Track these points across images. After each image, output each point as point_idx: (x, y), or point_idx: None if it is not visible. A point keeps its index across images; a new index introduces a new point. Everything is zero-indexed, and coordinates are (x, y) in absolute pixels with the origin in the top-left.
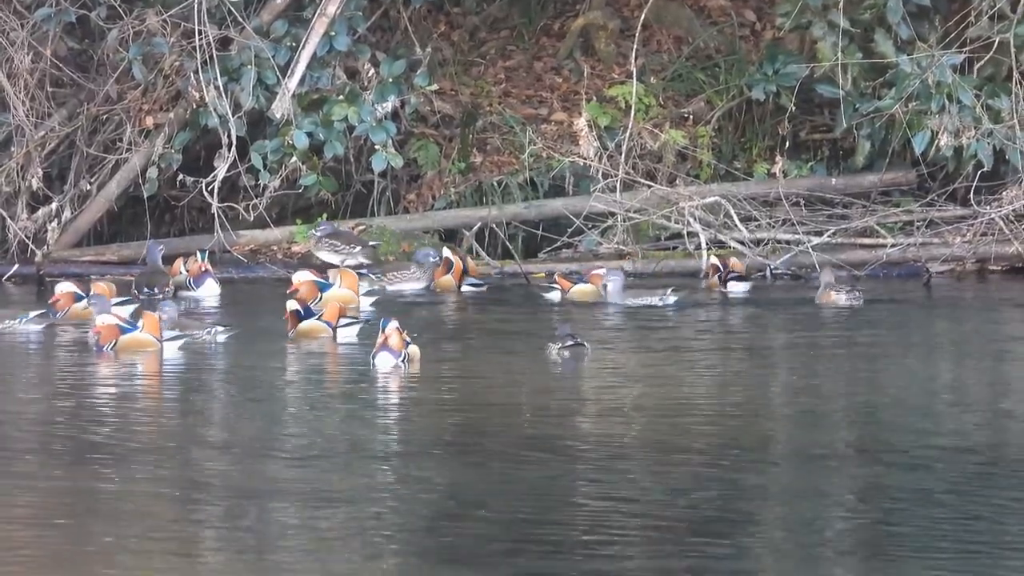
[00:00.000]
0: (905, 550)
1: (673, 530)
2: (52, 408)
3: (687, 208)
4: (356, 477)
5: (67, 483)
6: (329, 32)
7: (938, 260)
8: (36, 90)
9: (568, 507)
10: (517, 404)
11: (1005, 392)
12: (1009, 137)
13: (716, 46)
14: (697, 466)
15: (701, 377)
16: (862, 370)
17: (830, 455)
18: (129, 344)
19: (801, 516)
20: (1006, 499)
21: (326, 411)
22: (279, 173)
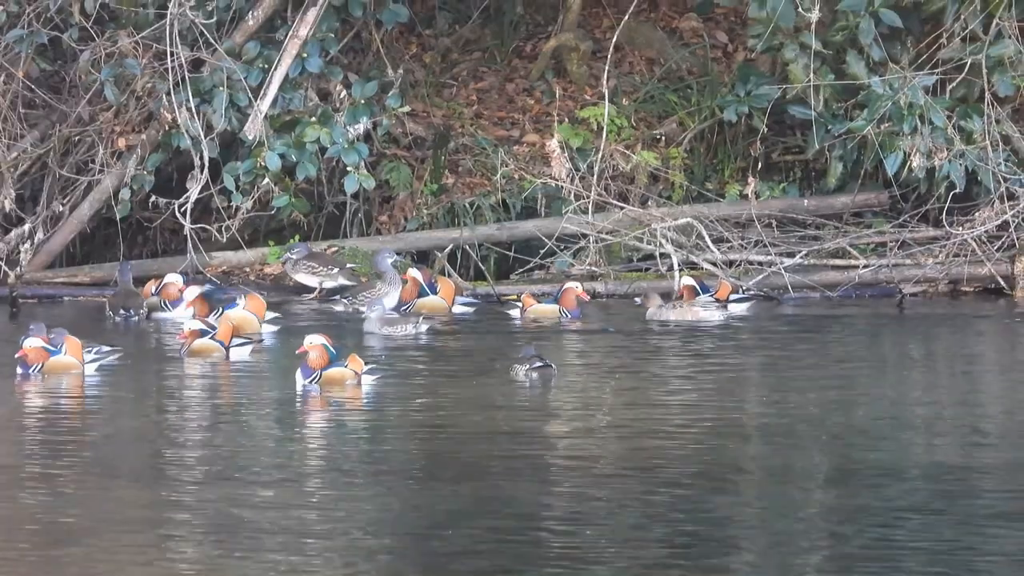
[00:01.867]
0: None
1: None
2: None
3: (659, 229)
4: (329, 499)
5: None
6: (301, 54)
7: (911, 281)
8: (8, 111)
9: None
10: (485, 425)
11: (977, 411)
12: (981, 158)
13: (688, 67)
14: (669, 486)
15: (670, 397)
16: (833, 390)
17: (803, 475)
18: (53, 367)
19: (776, 534)
20: (979, 518)
21: (297, 434)
22: (251, 195)
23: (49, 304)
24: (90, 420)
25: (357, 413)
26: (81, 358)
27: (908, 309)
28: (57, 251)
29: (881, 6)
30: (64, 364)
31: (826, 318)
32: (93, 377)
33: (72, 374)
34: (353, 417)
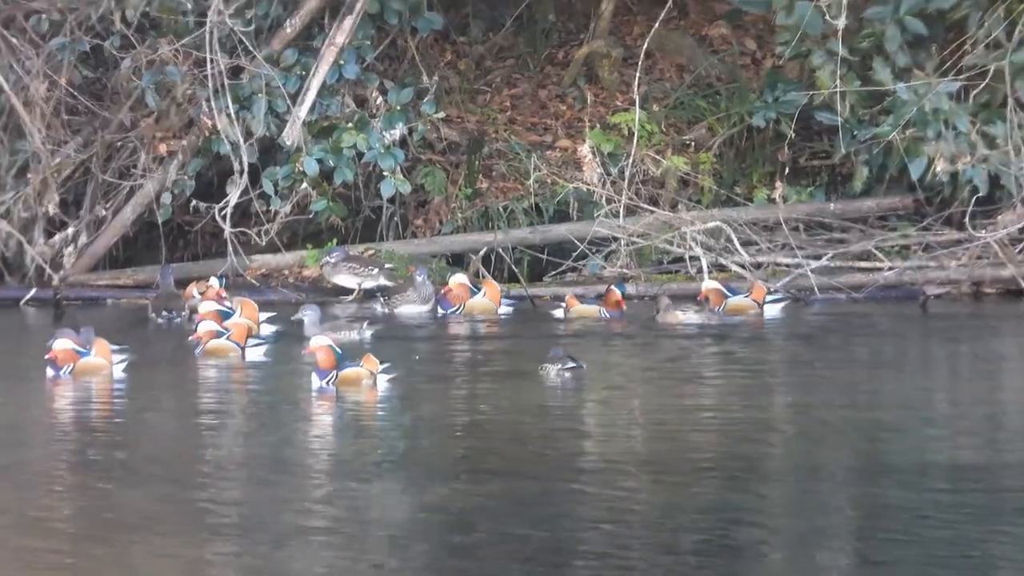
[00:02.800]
0: (904, 566)
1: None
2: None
3: (689, 233)
4: (367, 495)
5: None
6: (338, 61)
7: (934, 283)
8: (52, 118)
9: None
10: (521, 424)
11: (998, 409)
12: (1004, 163)
13: (717, 74)
14: (699, 482)
15: (696, 396)
16: (860, 390)
17: (829, 471)
18: (83, 368)
19: (805, 531)
20: (1000, 520)
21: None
22: (290, 199)
23: (92, 306)
24: (120, 421)
25: (389, 412)
26: (110, 359)
27: (931, 310)
28: (100, 254)
29: (906, 14)
30: (94, 365)
31: (852, 318)
32: (121, 378)
33: (101, 375)
34: (383, 416)
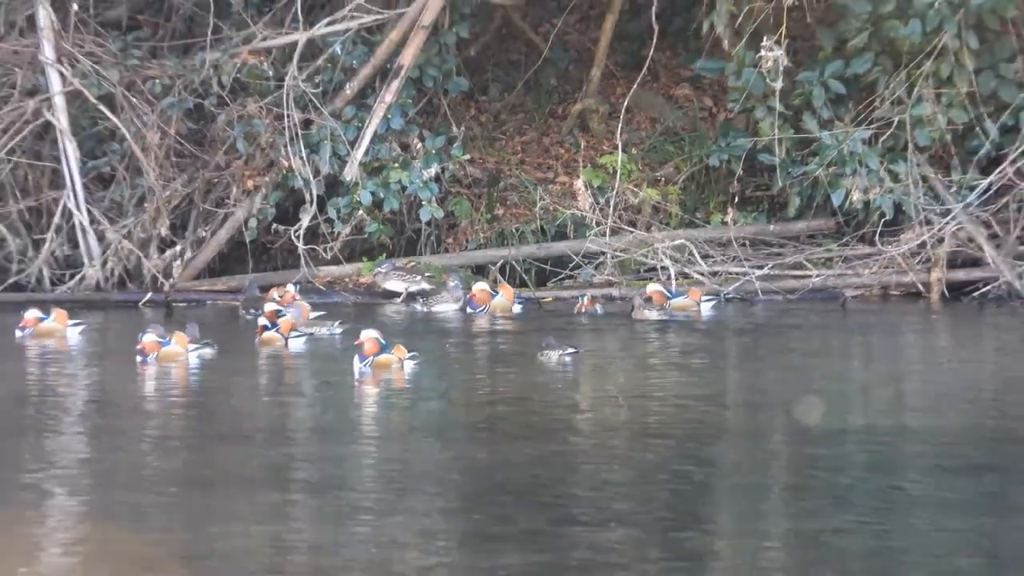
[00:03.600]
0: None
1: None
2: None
3: (660, 248)
4: (408, 454)
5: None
6: (387, 115)
7: (851, 287)
8: (163, 160)
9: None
10: (528, 397)
11: (903, 385)
12: (905, 194)
13: (682, 125)
14: (666, 440)
15: (665, 374)
16: (792, 370)
17: (770, 436)
18: (165, 355)
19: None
20: (911, 469)
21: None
22: (349, 222)
23: (195, 307)
24: (196, 398)
25: (424, 389)
26: (186, 348)
27: (849, 308)
28: (201, 266)
29: (829, 77)
30: (172, 353)
31: (786, 315)
32: (196, 364)
33: (179, 361)
34: (410, 393)
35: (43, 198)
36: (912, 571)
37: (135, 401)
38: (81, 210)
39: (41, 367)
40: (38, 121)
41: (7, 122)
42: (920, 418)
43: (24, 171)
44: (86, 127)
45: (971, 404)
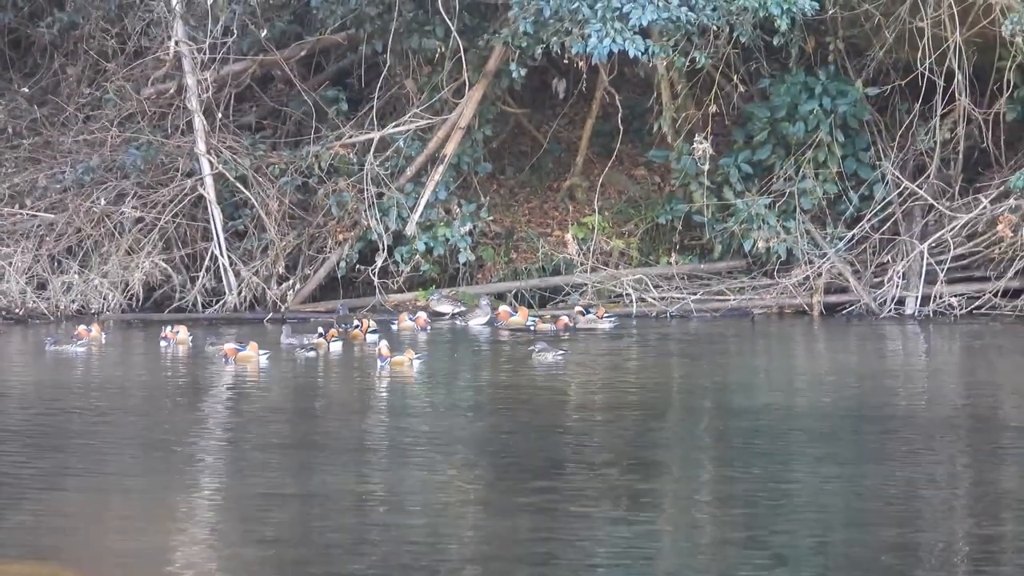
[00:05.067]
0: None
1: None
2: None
3: (624, 281)
4: (447, 426)
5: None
6: (435, 190)
7: (758, 307)
8: (281, 220)
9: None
10: (530, 385)
11: (791, 374)
12: (794, 242)
13: (640, 195)
14: (624, 418)
15: (623, 370)
16: (714, 366)
17: (700, 412)
18: (241, 358)
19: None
20: (789, 439)
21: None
22: (409, 263)
23: (302, 323)
24: (261, 392)
25: (449, 382)
26: (257, 352)
27: (756, 322)
28: (307, 294)
29: (741, 162)
30: (246, 356)
31: (711, 327)
32: (265, 365)
33: (252, 362)
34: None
35: (197, 247)
36: (795, 502)
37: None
38: (223, 255)
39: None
40: (194, 194)
41: (173, 194)
42: (803, 397)
43: (184, 228)
44: (227, 198)
45: (836, 388)
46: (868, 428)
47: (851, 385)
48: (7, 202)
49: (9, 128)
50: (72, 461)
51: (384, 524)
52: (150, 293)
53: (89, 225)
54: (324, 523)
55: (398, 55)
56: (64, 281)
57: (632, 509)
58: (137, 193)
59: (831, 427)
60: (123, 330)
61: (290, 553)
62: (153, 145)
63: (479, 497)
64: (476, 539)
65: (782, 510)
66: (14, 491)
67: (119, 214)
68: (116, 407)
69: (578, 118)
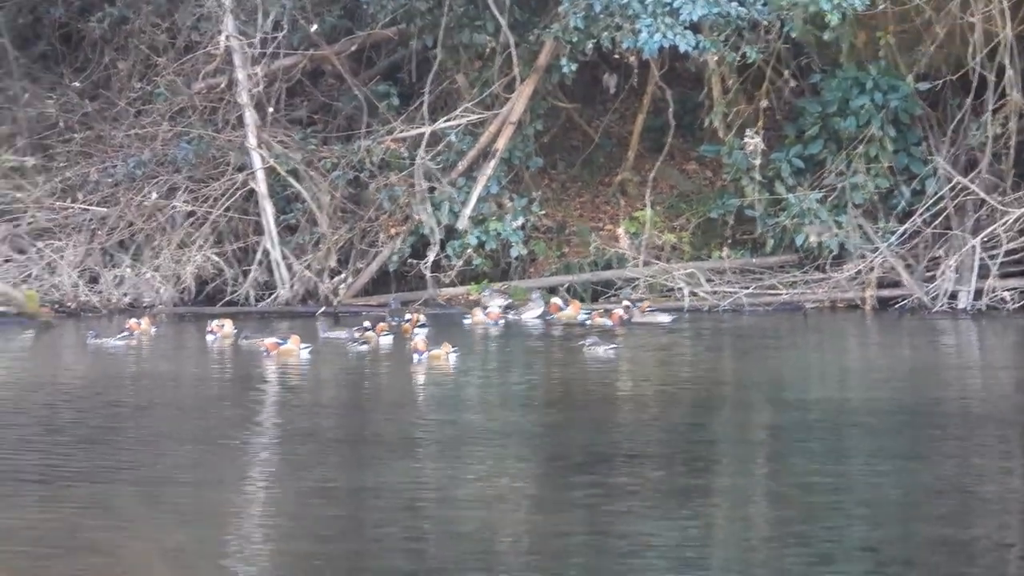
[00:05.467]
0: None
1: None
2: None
3: (676, 275)
4: (498, 420)
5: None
6: (487, 184)
7: (810, 302)
8: (332, 215)
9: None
10: (579, 378)
11: (844, 362)
12: (846, 236)
13: (691, 190)
14: (669, 409)
15: (672, 365)
16: (769, 359)
17: (752, 406)
18: (281, 352)
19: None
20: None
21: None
22: (461, 258)
23: (354, 317)
24: (308, 386)
25: (500, 373)
26: (298, 346)
27: (808, 317)
28: (359, 288)
29: (792, 156)
30: (287, 350)
31: (764, 321)
32: (306, 358)
33: (292, 356)
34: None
35: (249, 241)
36: (847, 497)
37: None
38: (275, 249)
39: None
40: (245, 188)
41: (224, 188)
42: (855, 392)
43: (236, 222)
44: (278, 192)
45: (889, 382)
46: (921, 423)
47: (904, 380)
48: (59, 196)
49: (61, 122)
50: (122, 455)
51: (435, 519)
52: (202, 287)
53: (141, 219)
54: (376, 518)
55: (449, 50)
56: (116, 275)
57: (684, 504)
58: (188, 187)
59: (883, 422)
60: (174, 324)
61: (342, 548)
62: (204, 139)
63: (530, 492)
64: (527, 534)
65: (834, 505)
66: (64, 485)
67: (171, 208)
68: (164, 401)
69: (629, 113)
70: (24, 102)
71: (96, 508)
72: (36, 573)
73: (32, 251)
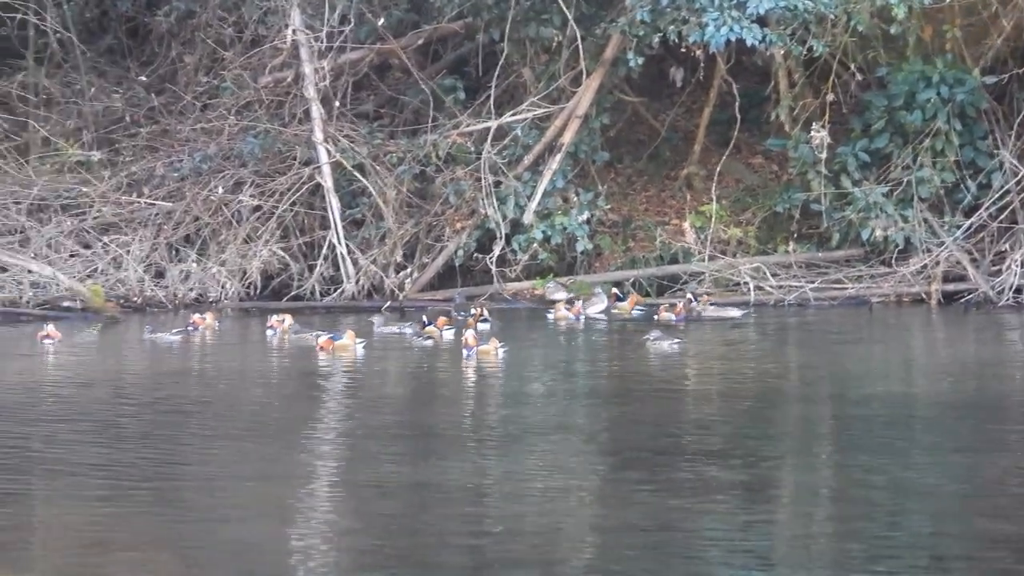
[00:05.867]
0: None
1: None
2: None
3: (742, 269)
4: (558, 415)
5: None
6: (553, 178)
7: (875, 296)
8: (398, 209)
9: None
10: (640, 372)
11: (910, 357)
12: (912, 230)
13: (757, 184)
14: (730, 402)
15: (736, 360)
16: (833, 352)
17: (817, 401)
18: (337, 347)
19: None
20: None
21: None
22: (527, 252)
23: (419, 311)
24: (370, 380)
25: (560, 369)
26: (353, 342)
27: (874, 311)
28: (424, 282)
29: (859, 150)
30: (343, 345)
31: (830, 315)
32: (361, 353)
33: (348, 351)
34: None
35: (315, 236)
36: (911, 492)
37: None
38: (341, 244)
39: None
40: (311, 183)
41: (290, 183)
42: (920, 387)
43: (302, 217)
44: (344, 186)
45: (954, 376)
46: (984, 417)
47: (968, 374)
48: (125, 190)
49: (127, 117)
50: (184, 452)
51: (497, 513)
52: (268, 281)
53: (207, 213)
54: (438, 512)
55: (515, 43)
56: (182, 269)
57: (746, 500)
58: (255, 181)
59: (947, 416)
60: (239, 319)
61: (404, 542)
62: (270, 133)
63: (593, 487)
64: (591, 530)
65: (897, 500)
66: (127, 481)
67: (237, 202)
68: (226, 396)
69: (695, 107)
70: (90, 96)
71: (160, 503)
72: (101, 568)
73: (98, 246)
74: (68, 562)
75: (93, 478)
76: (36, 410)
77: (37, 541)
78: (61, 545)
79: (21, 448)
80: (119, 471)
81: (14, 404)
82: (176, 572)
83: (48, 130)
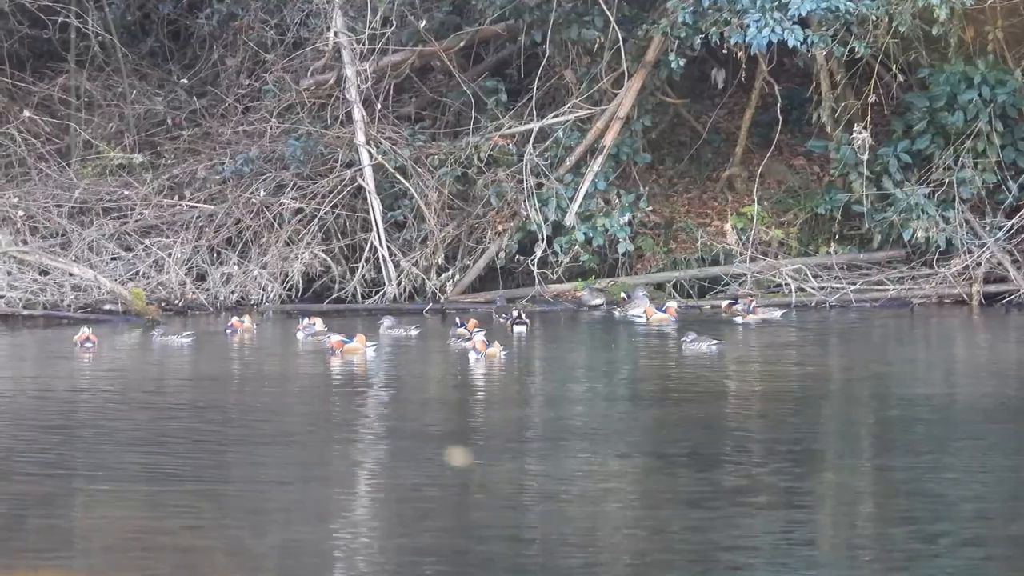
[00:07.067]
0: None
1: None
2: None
3: (784, 271)
4: (599, 417)
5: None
6: (595, 180)
7: (917, 297)
8: (440, 211)
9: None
10: (680, 374)
11: (953, 356)
12: (954, 231)
13: (799, 185)
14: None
15: (776, 362)
16: (874, 351)
17: (859, 402)
18: (347, 350)
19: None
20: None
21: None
22: (568, 254)
23: (461, 312)
24: (408, 382)
25: (599, 370)
26: (364, 344)
27: (915, 313)
28: (466, 284)
29: (900, 151)
30: (353, 348)
31: (872, 316)
32: (372, 356)
33: (358, 354)
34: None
35: (356, 238)
36: (953, 494)
37: None
38: (383, 246)
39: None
40: (353, 185)
41: (332, 185)
42: (962, 388)
43: (344, 219)
44: (386, 188)
45: (996, 378)
46: None
47: (1009, 375)
48: (167, 193)
49: (169, 119)
50: (228, 455)
51: (540, 515)
52: (310, 284)
53: (248, 216)
54: (481, 514)
55: (557, 45)
56: (223, 272)
57: (787, 502)
58: (296, 184)
59: (989, 418)
60: (281, 321)
61: (448, 544)
62: (312, 136)
63: (634, 489)
64: (632, 531)
65: (940, 502)
66: (172, 486)
67: (278, 205)
68: (264, 401)
69: (737, 108)
70: (132, 99)
71: (200, 506)
72: (143, 571)
73: (139, 249)
74: (112, 564)
75: (135, 481)
76: (74, 417)
77: (81, 543)
78: (104, 548)
79: (62, 451)
80: (161, 474)
81: (52, 408)
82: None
83: (90, 133)
